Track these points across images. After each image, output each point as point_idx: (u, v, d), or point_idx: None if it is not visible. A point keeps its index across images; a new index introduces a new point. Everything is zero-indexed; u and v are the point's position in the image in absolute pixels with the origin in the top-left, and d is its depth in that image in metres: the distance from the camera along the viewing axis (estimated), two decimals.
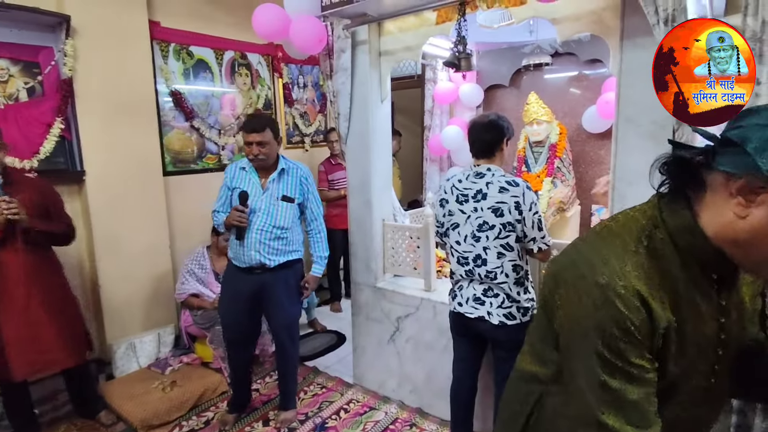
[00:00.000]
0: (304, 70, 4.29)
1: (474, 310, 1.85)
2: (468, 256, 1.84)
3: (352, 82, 2.51)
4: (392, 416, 2.48)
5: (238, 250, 2.25)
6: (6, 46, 2.61)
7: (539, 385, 0.86)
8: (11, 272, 2.11)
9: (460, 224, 1.86)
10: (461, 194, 1.84)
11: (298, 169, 2.32)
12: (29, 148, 2.65)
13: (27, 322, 2.14)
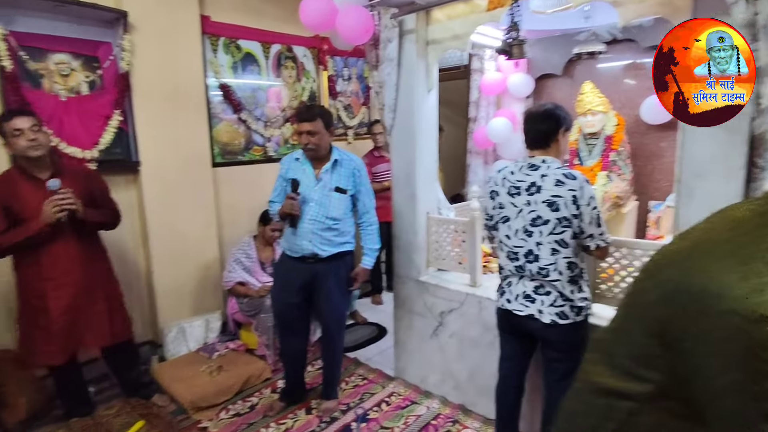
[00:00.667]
0: (349, 62, 4.28)
1: (524, 307, 1.79)
2: (518, 251, 1.77)
3: (398, 72, 2.47)
4: (434, 411, 2.45)
5: (291, 240, 2.28)
6: (68, 41, 2.74)
7: (627, 401, 0.78)
8: (61, 259, 2.18)
9: (510, 218, 1.79)
10: (513, 186, 1.78)
11: (351, 161, 2.32)
12: (90, 140, 2.78)
13: (73, 307, 2.22)
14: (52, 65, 2.69)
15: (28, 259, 2.17)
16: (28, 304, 2.22)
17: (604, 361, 0.83)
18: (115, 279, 2.51)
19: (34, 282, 2.17)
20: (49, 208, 2.04)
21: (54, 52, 2.69)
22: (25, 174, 2.14)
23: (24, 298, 2.23)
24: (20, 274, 2.23)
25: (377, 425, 2.36)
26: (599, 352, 0.85)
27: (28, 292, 2.21)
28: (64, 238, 2.17)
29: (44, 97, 2.62)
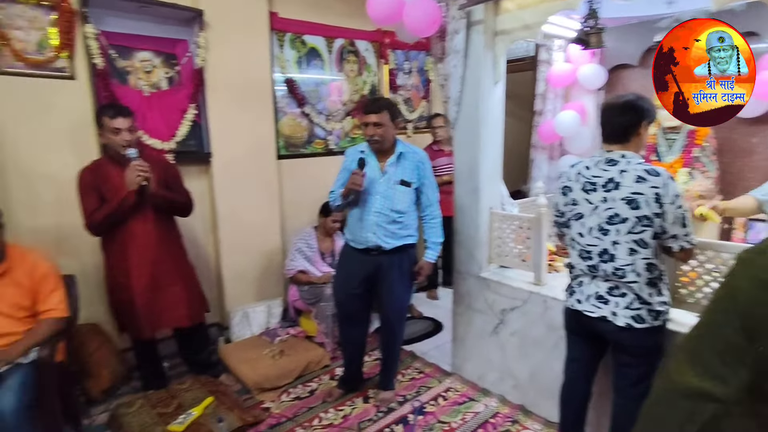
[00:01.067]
0: (410, 56, 4.26)
1: (596, 309, 1.71)
2: (592, 250, 1.70)
3: (464, 64, 2.43)
4: (492, 410, 2.41)
5: (355, 232, 2.31)
6: (150, 39, 2.93)
7: (713, 403, 0.74)
8: (141, 240, 2.35)
9: (584, 215, 1.71)
10: (588, 182, 1.69)
11: (415, 154, 2.31)
12: (168, 132, 2.96)
13: (153, 286, 2.40)
14: (137, 62, 2.88)
15: (113, 239, 2.36)
16: (115, 281, 2.41)
17: (690, 360, 0.79)
18: (190, 263, 2.67)
19: (119, 261, 2.36)
20: (133, 174, 2.21)
21: (138, 50, 2.88)
22: (113, 161, 2.33)
23: (111, 276, 2.43)
24: (107, 254, 2.43)
25: (434, 419, 2.35)
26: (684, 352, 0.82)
27: (114, 270, 2.40)
28: (143, 218, 2.35)
29: (130, 93, 2.81)
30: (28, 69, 2.50)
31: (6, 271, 1.94)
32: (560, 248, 2.71)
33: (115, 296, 2.45)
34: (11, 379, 1.78)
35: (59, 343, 2.07)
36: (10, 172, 2.48)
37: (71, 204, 2.35)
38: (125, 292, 2.37)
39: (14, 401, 1.72)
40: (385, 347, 2.51)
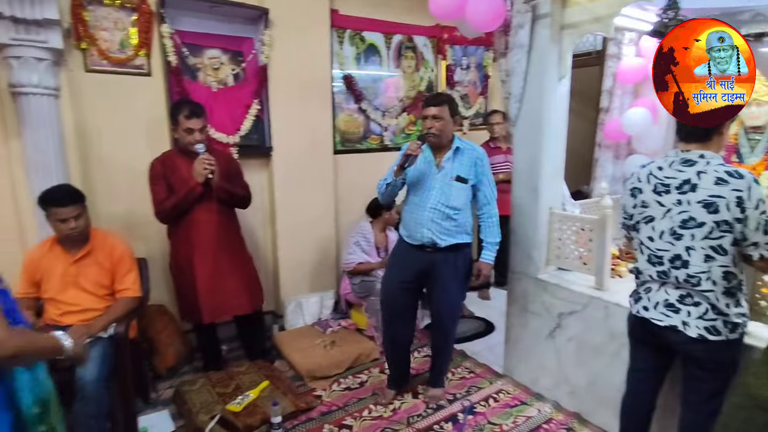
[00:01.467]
0: (468, 51, 4.20)
1: (664, 317, 1.61)
2: (663, 255, 1.60)
3: (528, 59, 2.36)
4: (546, 415, 2.34)
5: (410, 228, 2.29)
6: (219, 38, 3.07)
7: None
8: (205, 229, 2.48)
9: (655, 218, 1.62)
10: (661, 183, 1.60)
11: (473, 150, 2.27)
12: (233, 126, 3.09)
13: (215, 273, 2.52)
14: (207, 60, 3.03)
15: (179, 227, 2.50)
16: (179, 267, 2.56)
17: None
18: (248, 253, 2.79)
19: (183, 248, 2.51)
20: (200, 165, 2.35)
21: (208, 48, 3.03)
22: (182, 153, 2.47)
23: (175, 262, 2.59)
24: (172, 241, 2.58)
25: (484, 419, 2.32)
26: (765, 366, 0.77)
27: (178, 256, 2.55)
28: (208, 208, 2.47)
29: (200, 89, 2.97)
30: (111, 66, 2.70)
31: (89, 252, 2.12)
32: (624, 252, 2.58)
33: (179, 282, 2.60)
34: (93, 351, 1.93)
35: (132, 320, 2.23)
36: (93, 161, 2.70)
37: (143, 193, 2.51)
38: (188, 278, 2.51)
39: (95, 371, 1.88)
40: (436, 346, 2.48)
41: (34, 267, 2.07)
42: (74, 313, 2.06)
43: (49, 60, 2.31)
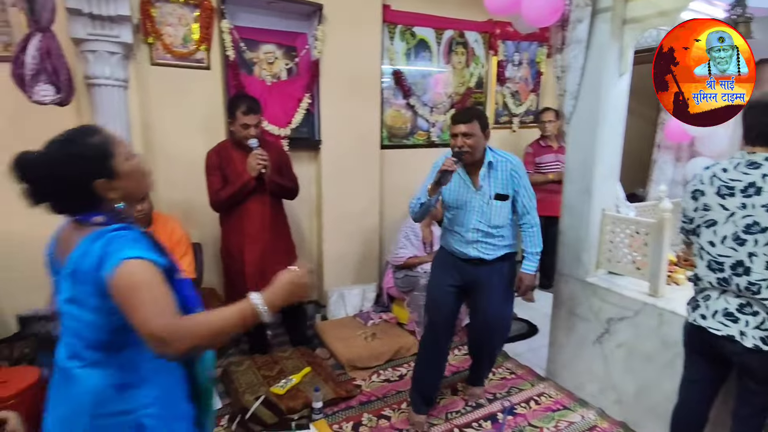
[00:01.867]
0: (521, 47, 4.11)
1: (722, 326, 1.53)
2: (724, 261, 1.52)
3: (585, 55, 2.28)
4: (590, 422, 2.28)
5: (453, 246, 2.21)
6: (275, 33, 3.16)
7: None
8: (256, 218, 2.57)
9: (718, 222, 1.54)
10: (725, 186, 1.52)
11: (507, 162, 2.14)
12: (285, 119, 3.18)
13: (263, 261, 2.59)
14: (262, 54, 3.14)
15: (231, 216, 2.60)
16: (229, 253, 2.66)
17: None
18: (293, 242, 2.87)
19: (235, 235, 2.60)
20: (254, 160, 2.43)
21: (264, 43, 3.14)
22: (236, 145, 2.57)
23: (225, 248, 2.69)
24: (224, 228, 2.69)
25: (525, 421, 2.29)
26: None
27: (229, 243, 2.66)
28: (260, 199, 2.56)
29: (255, 82, 3.07)
30: (174, 60, 2.84)
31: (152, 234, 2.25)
32: (682, 259, 2.46)
33: (228, 267, 2.70)
34: None
35: None
36: (155, 150, 2.86)
37: (199, 182, 2.63)
38: (237, 264, 2.61)
39: None
40: (480, 352, 2.39)
41: None
42: None
43: (119, 53, 2.46)
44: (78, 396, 1.03)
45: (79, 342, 1.04)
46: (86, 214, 1.04)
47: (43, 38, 2.14)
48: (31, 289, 2.59)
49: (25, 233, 2.56)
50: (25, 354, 2.49)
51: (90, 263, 0.96)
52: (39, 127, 2.49)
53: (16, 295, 2.55)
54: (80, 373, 1.03)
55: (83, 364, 1.04)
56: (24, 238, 2.57)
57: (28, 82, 2.15)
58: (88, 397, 1.03)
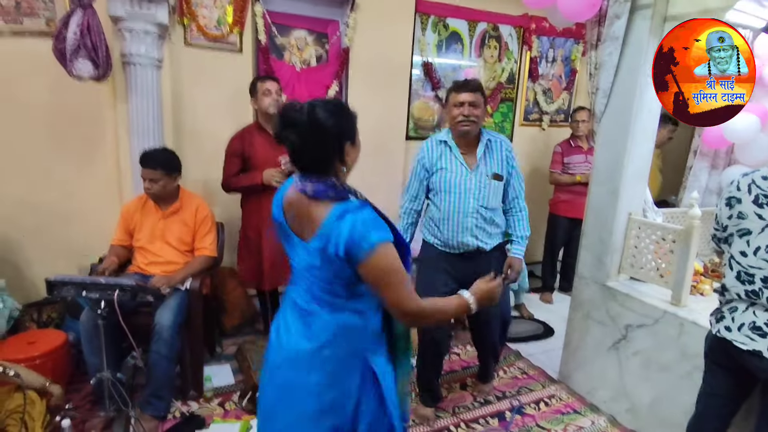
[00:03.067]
0: (556, 43, 4.01)
1: (749, 340, 1.47)
2: (756, 273, 1.45)
3: (621, 52, 2.21)
4: (599, 428, 2.23)
5: (447, 236, 2.07)
6: (306, 19, 3.18)
7: None
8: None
9: (752, 231, 1.47)
10: (764, 194, 1.45)
11: (502, 142, 2.08)
12: None
13: (279, 246, 2.61)
14: (293, 40, 3.16)
15: (252, 199, 2.63)
16: (247, 236, 2.70)
17: None
18: None
19: (254, 219, 2.63)
20: (270, 175, 2.44)
21: (295, 29, 3.15)
22: (260, 128, 2.59)
23: (244, 230, 2.73)
24: (244, 211, 2.72)
25: (533, 422, 2.26)
26: None
27: (247, 225, 2.69)
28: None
29: (284, 67, 3.10)
30: (208, 42, 2.89)
31: (177, 210, 2.31)
32: (709, 269, 2.38)
33: (245, 248, 2.73)
34: (171, 300, 2.13)
35: (207, 278, 2.42)
36: (185, 129, 2.92)
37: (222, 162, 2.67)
38: (254, 247, 2.64)
39: (171, 317, 2.07)
40: (484, 346, 2.36)
41: (130, 217, 2.31)
42: (159, 264, 2.27)
43: (155, 33, 2.52)
44: (318, 331, 1.16)
45: (320, 290, 1.16)
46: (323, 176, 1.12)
47: (85, 15, 2.22)
48: (60, 256, 2.73)
49: (54, 204, 2.69)
50: (52, 318, 2.61)
51: (338, 244, 1.06)
52: (77, 102, 2.61)
53: (45, 261, 2.67)
54: (322, 314, 1.16)
55: (323, 307, 1.16)
56: (53, 208, 2.69)
57: (69, 57, 2.24)
58: (327, 332, 1.15)
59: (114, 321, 1.76)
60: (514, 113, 4.00)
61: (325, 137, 1.09)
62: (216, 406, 2.26)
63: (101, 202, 2.78)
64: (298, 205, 1.17)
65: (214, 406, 2.26)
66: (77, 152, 2.70)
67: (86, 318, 2.03)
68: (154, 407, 2.08)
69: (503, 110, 3.96)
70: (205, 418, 2.14)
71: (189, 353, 2.28)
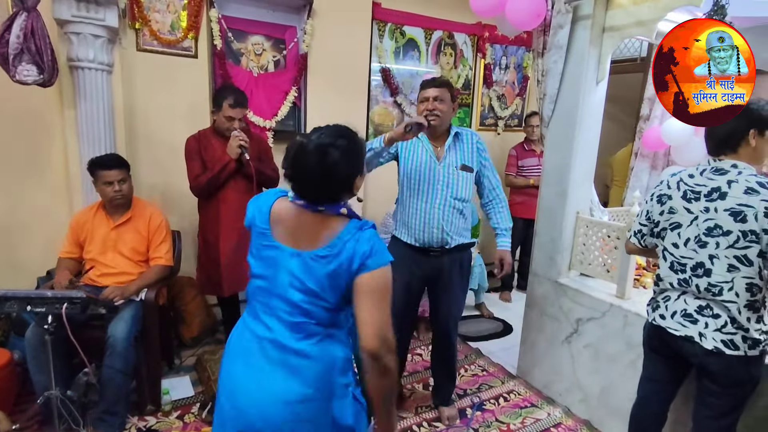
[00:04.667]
0: (509, 51, 4.17)
1: (681, 327, 1.58)
2: (686, 263, 1.57)
3: (565, 60, 2.33)
4: (555, 419, 2.33)
5: (414, 228, 2.06)
6: (263, 25, 3.17)
7: None
8: (232, 205, 2.49)
9: (682, 225, 1.59)
10: (691, 191, 1.57)
11: (472, 135, 2.12)
12: (270, 111, 3.20)
13: (238, 249, 2.55)
14: (250, 45, 3.15)
15: (209, 202, 2.56)
16: (206, 240, 2.63)
17: None
18: None
19: (211, 222, 2.55)
20: (235, 142, 2.37)
21: (252, 34, 3.15)
22: (216, 134, 2.53)
23: (203, 235, 2.66)
24: (202, 215, 2.65)
25: (492, 417, 2.33)
26: None
27: (206, 230, 2.62)
28: (238, 188, 2.51)
29: (241, 73, 3.08)
30: (161, 47, 2.84)
31: (129, 219, 2.25)
32: (651, 263, 2.53)
33: (204, 254, 2.67)
34: (125, 312, 2.07)
35: (163, 288, 2.36)
36: (138, 135, 2.85)
37: (180, 170, 2.61)
38: (213, 252, 2.58)
39: (125, 330, 2.00)
40: (443, 359, 2.29)
41: (80, 228, 2.23)
42: (111, 275, 2.20)
43: (104, 37, 2.46)
44: (317, 372, 1.12)
45: (309, 319, 1.13)
46: (335, 205, 1.13)
47: (28, 18, 2.13)
48: (4, 272, 2.59)
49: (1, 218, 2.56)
50: None
51: (355, 254, 1.08)
52: (20, 107, 2.49)
53: None
54: (316, 349, 1.12)
55: (317, 340, 1.13)
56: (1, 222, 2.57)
57: (12, 61, 2.14)
58: (325, 370, 1.12)
59: (63, 336, 1.69)
60: (470, 118, 4.12)
61: (338, 181, 1.11)
62: (175, 419, 2.20)
63: (49, 213, 2.66)
64: (297, 217, 1.14)
65: (173, 419, 2.20)
66: (22, 160, 2.58)
67: (32, 334, 1.94)
68: (107, 424, 2.01)
69: (460, 115, 4.07)
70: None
71: (145, 366, 2.21)
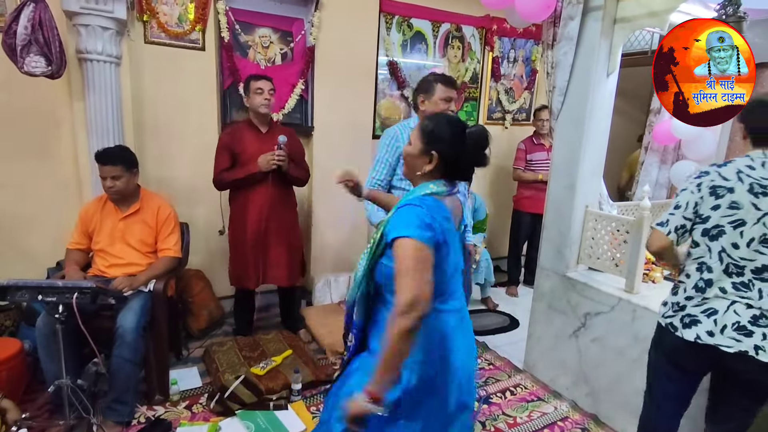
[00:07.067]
0: (517, 44, 4.13)
1: (735, 342, 1.38)
2: (746, 265, 1.40)
3: (575, 52, 2.31)
4: (562, 413, 2.32)
5: None
6: (271, 17, 3.16)
7: None
8: (257, 204, 2.59)
9: (747, 223, 1.39)
10: (758, 184, 1.38)
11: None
12: (278, 104, 3.18)
13: (261, 245, 2.63)
14: (257, 38, 3.13)
15: (239, 196, 2.63)
16: (234, 233, 2.69)
17: None
18: (299, 229, 2.89)
19: (240, 216, 2.64)
20: (267, 159, 2.45)
21: (259, 27, 3.13)
22: (250, 126, 2.59)
23: (232, 229, 2.72)
24: (232, 208, 2.72)
25: (499, 410, 2.33)
26: None
27: (234, 223, 2.69)
28: (267, 186, 2.57)
29: (249, 65, 3.07)
30: (169, 39, 2.83)
31: (138, 211, 2.26)
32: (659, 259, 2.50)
33: (234, 247, 2.72)
34: (133, 302, 2.08)
35: (171, 279, 2.37)
36: (146, 127, 2.85)
37: (190, 161, 2.64)
38: (241, 245, 2.65)
39: (134, 320, 2.02)
40: None
41: (89, 219, 2.24)
42: (119, 266, 2.21)
43: (113, 29, 2.46)
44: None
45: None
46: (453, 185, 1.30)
47: (36, 9, 2.14)
48: (15, 262, 2.61)
49: (7, 207, 2.58)
50: (6, 326, 2.50)
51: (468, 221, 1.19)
52: (30, 99, 2.50)
53: None
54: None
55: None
56: (6, 211, 2.59)
57: (20, 52, 2.15)
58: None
59: (73, 325, 1.71)
60: (478, 112, 4.09)
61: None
62: (183, 409, 2.22)
63: (58, 204, 2.68)
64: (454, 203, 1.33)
65: (181, 409, 2.22)
66: (31, 152, 2.60)
67: (43, 323, 1.96)
68: (117, 413, 2.03)
69: (467, 109, 4.04)
70: (171, 422, 2.10)
71: (154, 356, 2.23)
